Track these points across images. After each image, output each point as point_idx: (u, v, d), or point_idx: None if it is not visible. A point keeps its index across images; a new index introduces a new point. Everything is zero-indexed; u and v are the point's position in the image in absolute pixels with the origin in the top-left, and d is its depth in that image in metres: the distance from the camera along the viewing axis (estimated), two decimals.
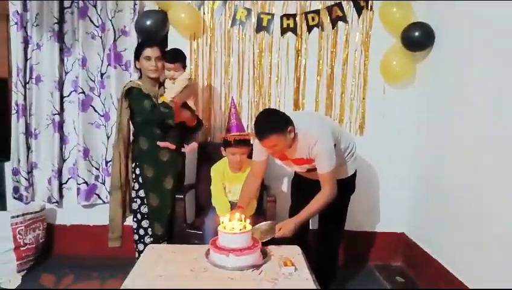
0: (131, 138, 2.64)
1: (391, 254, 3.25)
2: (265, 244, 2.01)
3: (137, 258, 2.53)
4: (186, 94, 2.56)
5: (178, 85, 2.51)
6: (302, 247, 2.11)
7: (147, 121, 2.49)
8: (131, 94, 2.49)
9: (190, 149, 2.70)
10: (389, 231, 3.25)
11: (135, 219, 2.58)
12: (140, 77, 2.61)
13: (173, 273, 1.80)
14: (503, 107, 2.09)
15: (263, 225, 2.22)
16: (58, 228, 3.27)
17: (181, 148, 2.64)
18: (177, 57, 2.54)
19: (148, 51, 2.49)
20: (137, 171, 2.55)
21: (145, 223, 2.57)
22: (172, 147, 2.56)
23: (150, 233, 2.57)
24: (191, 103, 2.65)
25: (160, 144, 2.53)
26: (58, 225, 3.27)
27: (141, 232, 2.58)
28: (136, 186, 2.56)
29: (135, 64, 2.60)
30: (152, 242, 2.54)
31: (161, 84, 2.61)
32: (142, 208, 2.56)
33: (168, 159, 2.56)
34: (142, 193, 2.55)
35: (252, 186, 2.42)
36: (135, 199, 2.56)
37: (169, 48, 3.01)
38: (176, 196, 2.61)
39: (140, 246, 2.58)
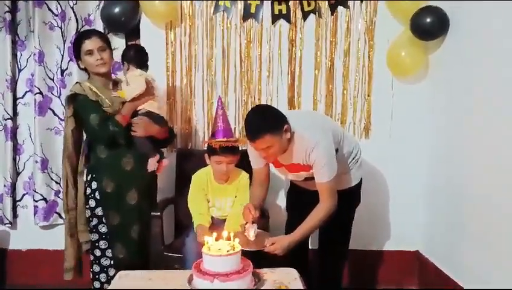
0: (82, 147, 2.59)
1: (404, 276, 3.26)
2: (253, 256, 2.02)
3: (92, 280, 2.56)
4: (144, 98, 2.48)
5: (138, 85, 2.43)
6: (300, 269, 2.11)
7: (94, 139, 2.50)
8: (76, 102, 2.45)
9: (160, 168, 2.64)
10: (400, 249, 3.27)
11: (91, 239, 2.55)
12: (89, 77, 2.55)
13: None
14: None
15: (261, 233, 2.27)
16: (11, 253, 3.24)
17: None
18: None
19: (87, 44, 2.43)
20: (94, 185, 2.50)
21: (102, 244, 2.53)
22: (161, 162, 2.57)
23: (109, 255, 2.54)
24: (153, 106, 2.53)
25: (153, 167, 2.53)
26: (11, 250, 3.25)
27: (97, 253, 2.54)
28: (92, 203, 2.51)
29: (78, 65, 2.55)
30: (111, 266, 2.53)
31: (116, 82, 2.56)
32: (100, 227, 2.51)
33: (132, 169, 2.51)
34: (99, 211, 2.51)
35: (259, 196, 2.46)
36: (91, 219, 2.52)
37: (142, 39, 3.05)
38: (152, 213, 2.61)
39: (96, 268, 2.55)
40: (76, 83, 2.53)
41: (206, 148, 2.58)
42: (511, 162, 2.22)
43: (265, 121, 2.09)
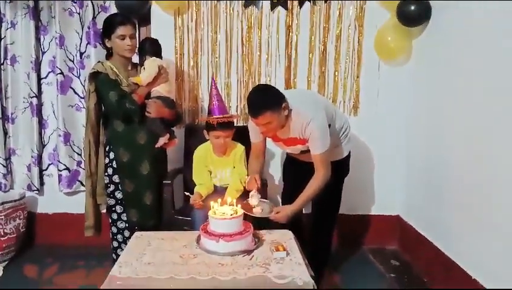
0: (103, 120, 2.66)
1: (386, 237, 3.37)
2: (257, 223, 2.16)
3: (111, 241, 2.68)
4: (157, 81, 2.56)
5: (151, 70, 2.51)
6: (295, 231, 2.23)
7: (111, 114, 2.57)
8: (97, 79, 2.51)
9: (169, 145, 2.72)
10: (383, 213, 3.38)
11: (109, 203, 2.66)
12: (111, 55, 2.59)
13: (162, 260, 1.89)
14: (505, 85, 2.10)
15: (263, 201, 2.39)
16: (39, 216, 3.36)
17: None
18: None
19: (121, 30, 2.47)
20: (111, 155, 2.60)
21: (118, 209, 2.64)
22: (172, 140, 2.65)
23: (124, 219, 2.64)
24: (164, 89, 2.60)
25: (163, 144, 2.60)
26: (39, 213, 3.36)
27: (114, 216, 2.66)
28: (110, 171, 2.61)
29: (104, 43, 2.57)
30: (126, 228, 2.65)
31: (134, 65, 2.65)
32: (116, 193, 2.62)
33: (145, 143, 2.59)
34: (116, 178, 2.61)
35: (256, 167, 2.54)
36: (109, 185, 2.63)
37: (152, 25, 3.11)
38: (164, 181, 2.70)
39: (114, 229, 2.68)
40: (99, 61, 2.58)
41: (205, 125, 2.58)
42: (483, 134, 2.28)
43: (266, 99, 2.16)
